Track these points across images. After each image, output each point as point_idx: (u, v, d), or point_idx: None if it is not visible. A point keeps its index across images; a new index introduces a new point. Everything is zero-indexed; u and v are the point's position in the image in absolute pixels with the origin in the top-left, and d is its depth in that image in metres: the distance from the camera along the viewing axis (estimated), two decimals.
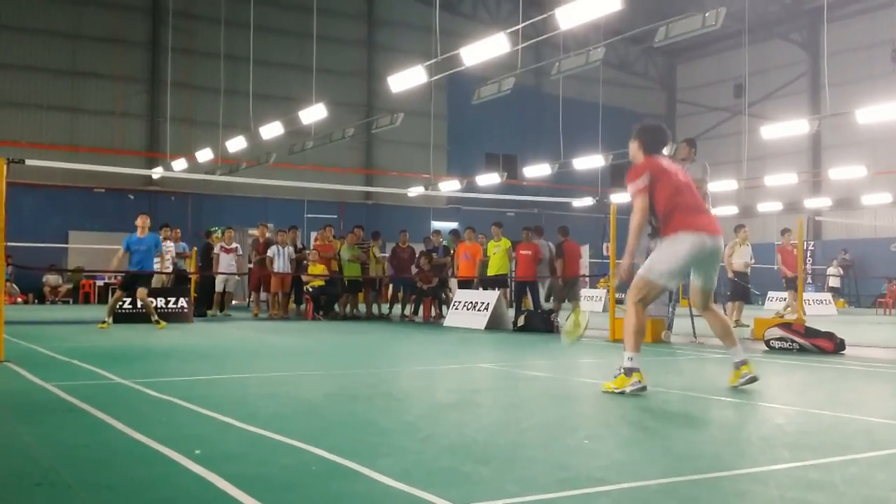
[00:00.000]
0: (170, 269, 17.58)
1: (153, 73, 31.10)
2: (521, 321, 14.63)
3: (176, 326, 14.36)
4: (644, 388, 6.08)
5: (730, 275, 16.26)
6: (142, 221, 14.36)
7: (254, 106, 25.98)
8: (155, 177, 28.44)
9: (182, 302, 16.06)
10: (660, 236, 6.38)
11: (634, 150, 6.53)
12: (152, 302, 14.78)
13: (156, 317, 14.18)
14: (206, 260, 19.31)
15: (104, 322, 13.72)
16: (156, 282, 17.50)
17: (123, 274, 14.54)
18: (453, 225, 27.87)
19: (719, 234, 6.34)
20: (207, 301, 18.95)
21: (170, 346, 10.63)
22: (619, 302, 13.78)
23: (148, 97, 31.07)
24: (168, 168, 28.07)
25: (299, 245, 19.72)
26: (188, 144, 29.42)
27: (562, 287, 17.60)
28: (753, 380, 6.39)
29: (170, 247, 17.70)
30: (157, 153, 30.13)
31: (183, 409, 5.28)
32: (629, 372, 6.08)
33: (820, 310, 23.09)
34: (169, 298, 15.97)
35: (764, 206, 34.80)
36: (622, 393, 6.03)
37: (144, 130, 31.10)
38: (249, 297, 19.58)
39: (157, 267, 17.46)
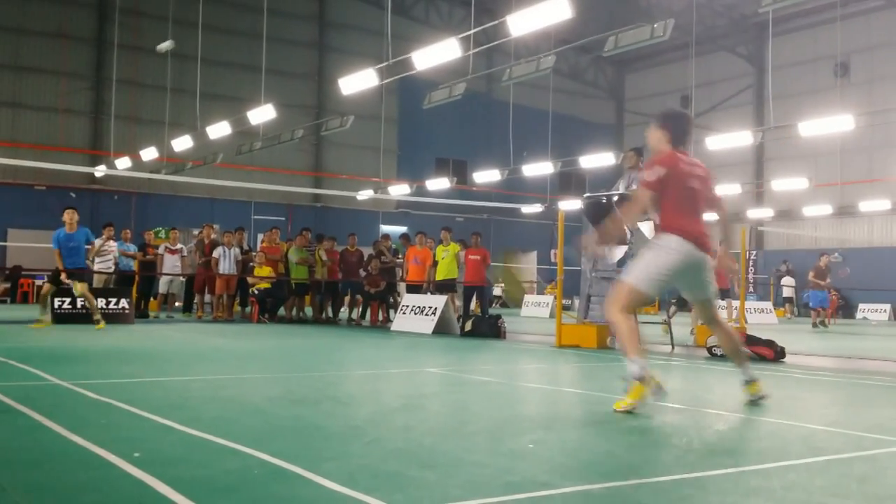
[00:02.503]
0: (111, 269, 17.21)
1: (98, 70, 30.59)
2: (468, 326, 14.64)
3: (117, 328, 14.05)
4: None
5: None
6: (69, 216, 13.53)
7: (201, 105, 25.66)
8: (98, 175, 27.93)
9: (123, 303, 15.72)
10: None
11: (658, 138, 5.87)
12: (95, 300, 14.09)
13: (98, 315, 13.47)
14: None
15: (39, 321, 13.31)
16: (98, 282, 17.15)
17: (54, 269, 13.70)
18: (402, 229, 27.84)
19: (708, 250, 5.91)
20: (146, 302, 18.70)
21: (110, 348, 10.40)
22: (566, 308, 13.88)
23: (92, 94, 30.54)
24: (111, 166, 27.55)
25: (245, 247, 19.48)
26: (133, 143, 28.96)
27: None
28: (760, 398, 5.97)
29: (112, 246, 17.31)
30: (100, 151, 29.59)
31: (122, 412, 5.17)
32: (642, 380, 5.42)
33: (761, 318, 23.51)
34: (110, 299, 15.60)
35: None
36: (631, 410, 5.36)
37: (88, 128, 30.55)
38: (193, 299, 19.22)
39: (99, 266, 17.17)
